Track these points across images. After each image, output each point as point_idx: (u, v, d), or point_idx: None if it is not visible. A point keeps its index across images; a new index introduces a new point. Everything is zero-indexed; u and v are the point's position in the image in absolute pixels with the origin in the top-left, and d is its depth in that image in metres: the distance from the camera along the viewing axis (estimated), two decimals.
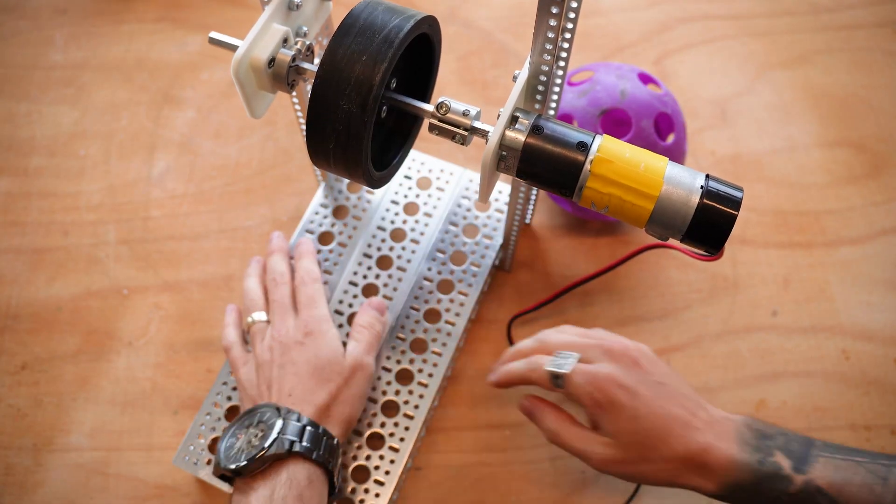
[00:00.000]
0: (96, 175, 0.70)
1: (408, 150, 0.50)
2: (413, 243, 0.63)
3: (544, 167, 0.41)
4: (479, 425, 0.59)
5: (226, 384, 0.58)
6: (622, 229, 0.66)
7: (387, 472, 0.55)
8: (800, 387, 0.60)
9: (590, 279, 0.59)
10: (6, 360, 0.62)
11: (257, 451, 0.47)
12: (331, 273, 0.62)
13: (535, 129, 0.41)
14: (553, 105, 0.48)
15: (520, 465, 0.58)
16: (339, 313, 0.60)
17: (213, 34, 0.44)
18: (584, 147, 0.40)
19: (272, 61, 0.44)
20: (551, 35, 0.39)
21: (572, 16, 0.39)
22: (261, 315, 0.56)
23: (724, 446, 0.46)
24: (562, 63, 0.44)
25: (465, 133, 0.42)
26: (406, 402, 0.57)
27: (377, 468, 0.55)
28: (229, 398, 0.58)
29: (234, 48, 0.43)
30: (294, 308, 0.56)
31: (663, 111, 0.60)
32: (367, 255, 0.62)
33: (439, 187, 0.65)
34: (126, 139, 0.71)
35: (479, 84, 0.74)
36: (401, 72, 0.45)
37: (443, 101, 0.42)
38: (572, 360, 0.50)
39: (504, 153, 0.42)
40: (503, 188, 0.65)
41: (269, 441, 0.47)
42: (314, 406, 0.50)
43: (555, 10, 0.37)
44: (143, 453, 0.58)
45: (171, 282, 0.65)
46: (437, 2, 0.78)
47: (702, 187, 0.39)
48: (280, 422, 0.48)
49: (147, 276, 0.65)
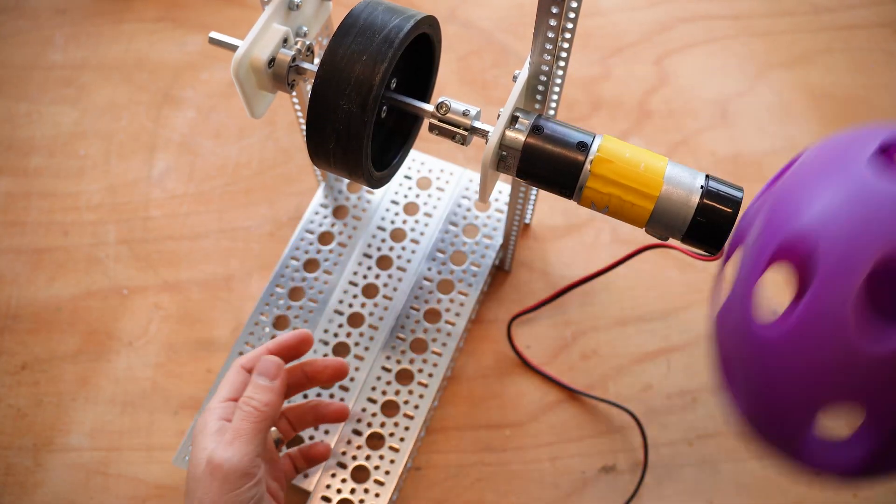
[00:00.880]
0: (96, 175, 0.70)
1: (408, 150, 0.50)
2: (413, 243, 0.63)
3: (544, 167, 0.41)
4: (479, 425, 0.59)
5: None
6: (622, 229, 0.66)
7: (387, 472, 0.55)
8: None
9: (590, 279, 0.59)
10: (6, 360, 0.62)
11: None
12: (331, 273, 0.62)
13: (535, 129, 0.41)
14: (553, 105, 0.48)
15: (520, 465, 0.58)
16: (339, 313, 0.60)
17: (213, 34, 0.45)
18: (584, 147, 0.40)
19: (272, 61, 0.44)
20: (551, 35, 0.39)
21: (572, 16, 0.39)
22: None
23: None
24: (562, 63, 0.44)
25: (465, 133, 0.42)
26: (406, 402, 0.57)
27: (377, 468, 0.55)
28: None
29: (234, 48, 0.43)
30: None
31: None
32: (367, 255, 0.62)
33: (439, 187, 0.65)
34: (126, 139, 0.71)
35: (479, 84, 0.74)
36: (401, 72, 0.45)
37: (443, 101, 0.42)
38: None
39: (504, 153, 0.42)
40: (503, 188, 0.65)
41: None
42: None
43: (555, 10, 0.37)
44: (143, 453, 0.58)
45: (171, 282, 0.65)
46: (437, 2, 0.78)
47: (702, 187, 0.39)
48: None
49: (147, 276, 0.65)
